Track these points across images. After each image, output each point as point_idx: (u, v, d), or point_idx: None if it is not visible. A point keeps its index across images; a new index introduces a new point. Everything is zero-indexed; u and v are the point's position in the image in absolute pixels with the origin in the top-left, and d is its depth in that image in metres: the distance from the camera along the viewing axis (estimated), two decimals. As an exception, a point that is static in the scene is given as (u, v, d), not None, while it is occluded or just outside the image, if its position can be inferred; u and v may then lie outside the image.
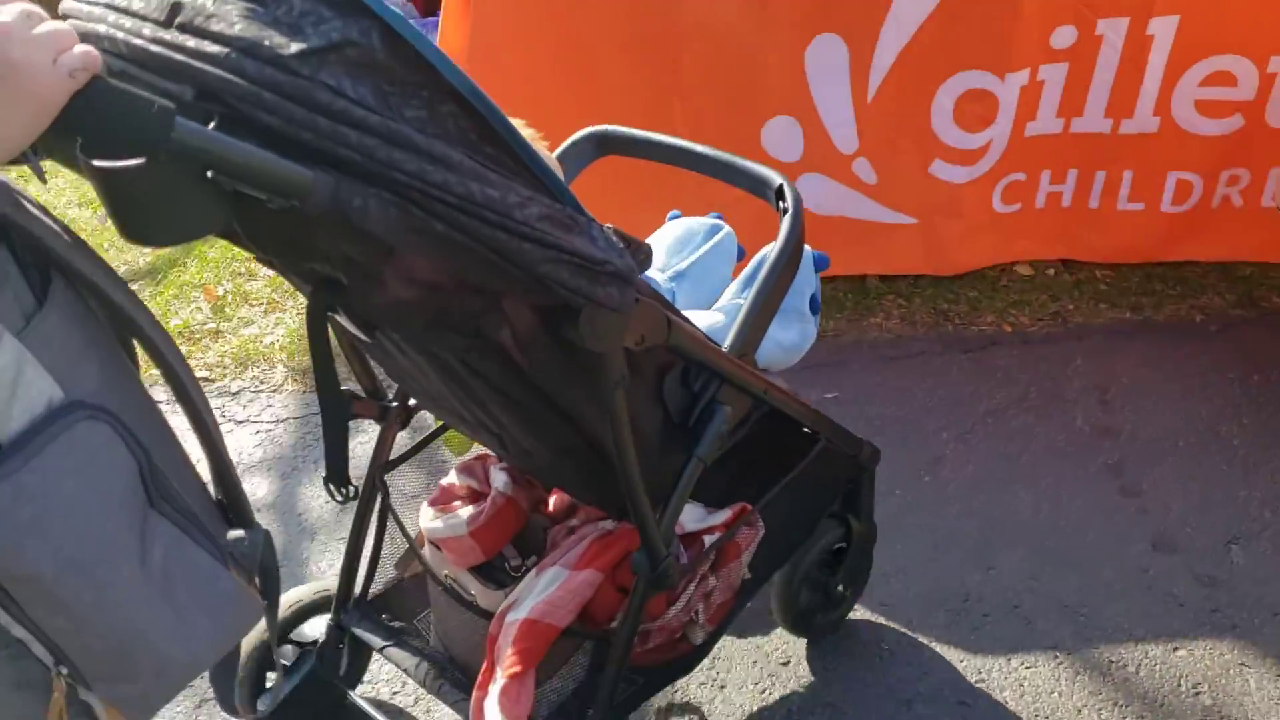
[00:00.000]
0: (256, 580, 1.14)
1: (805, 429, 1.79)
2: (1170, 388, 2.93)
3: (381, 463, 1.84)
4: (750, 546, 1.73)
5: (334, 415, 1.43)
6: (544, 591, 1.61)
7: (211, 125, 0.95)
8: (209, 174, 0.95)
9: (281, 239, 1.16)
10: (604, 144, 1.82)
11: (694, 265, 1.87)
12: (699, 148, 1.70)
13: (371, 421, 1.75)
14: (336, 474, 1.50)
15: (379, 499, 1.86)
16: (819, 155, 3.09)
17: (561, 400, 1.39)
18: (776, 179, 1.61)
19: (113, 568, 0.98)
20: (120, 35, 1.02)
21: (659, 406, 1.47)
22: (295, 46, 0.95)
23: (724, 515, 1.71)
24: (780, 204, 1.60)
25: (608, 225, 1.19)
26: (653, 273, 1.85)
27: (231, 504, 1.17)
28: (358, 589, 1.89)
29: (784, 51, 2.93)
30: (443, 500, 1.84)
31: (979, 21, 2.95)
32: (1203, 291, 3.40)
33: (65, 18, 1.07)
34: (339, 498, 1.55)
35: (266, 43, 0.95)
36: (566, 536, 1.75)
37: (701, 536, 1.69)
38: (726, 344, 1.53)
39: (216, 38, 0.97)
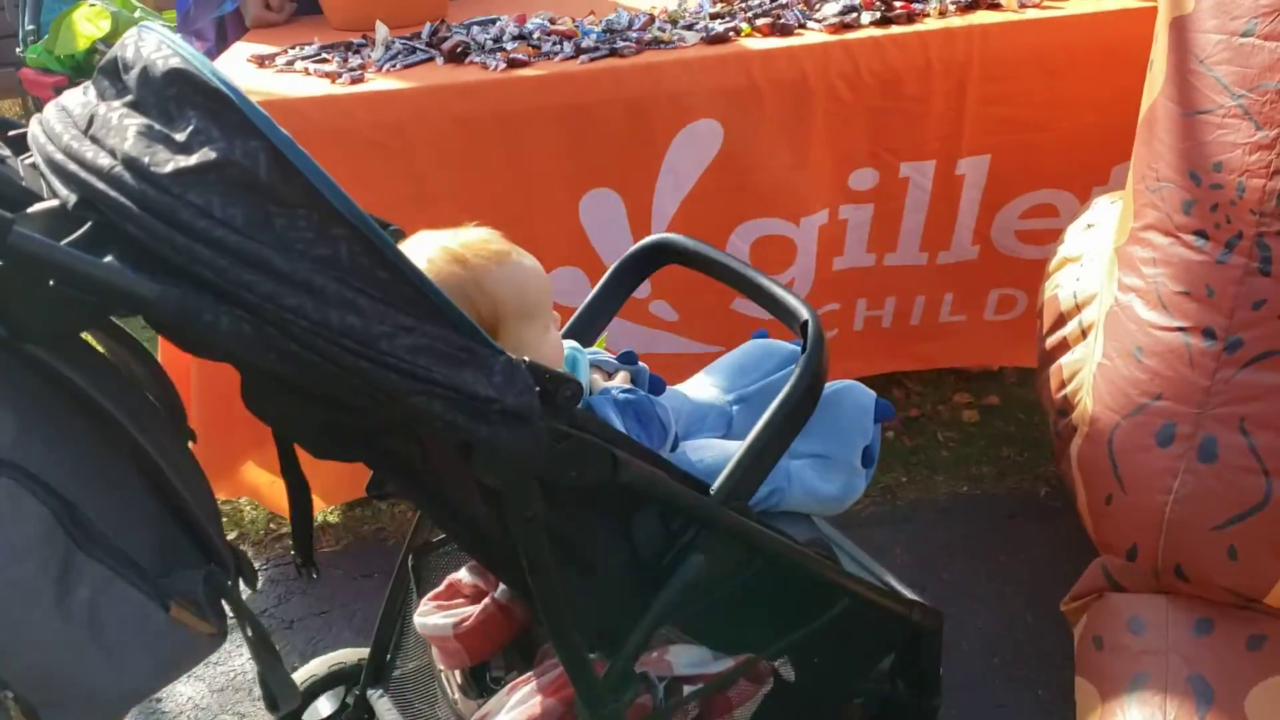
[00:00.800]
0: (210, 615, 1.26)
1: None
2: (994, 586, 2.64)
3: (414, 545, 1.91)
4: (748, 703, 1.64)
5: (297, 497, 1.53)
6: (509, 712, 1.58)
7: (80, 232, 1.05)
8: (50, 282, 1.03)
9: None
10: (666, 253, 1.87)
11: (761, 390, 1.79)
12: (742, 268, 1.72)
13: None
14: (301, 553, 1.58)
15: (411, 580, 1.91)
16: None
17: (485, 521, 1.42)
18: (803, 314, 1.53)
19: (25, 609, 1.10)
20: (43, 139, 1.13)
21: (625, 542, 1.44)
22: (171, 165, 1.03)
23: (725, 664, 1.61)
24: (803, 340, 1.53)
25: (527, 359, 1.17)
26: (715, 394, 1.82)
27: (197, 540, 1.29)
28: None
29: (558, 208, 2.76)
30: (445, 596, 1.81)
31: (761, 172, 2.74)
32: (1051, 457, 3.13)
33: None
34: (303, 576, 1.62)
35: (147, 159, 1.03)
36: (553, 654, 1.69)
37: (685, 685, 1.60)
38: (715, 486, 1.46)
39: (110, 150, 1.06)
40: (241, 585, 1.47)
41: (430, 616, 1.77)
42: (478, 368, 1.13)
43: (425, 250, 1.47)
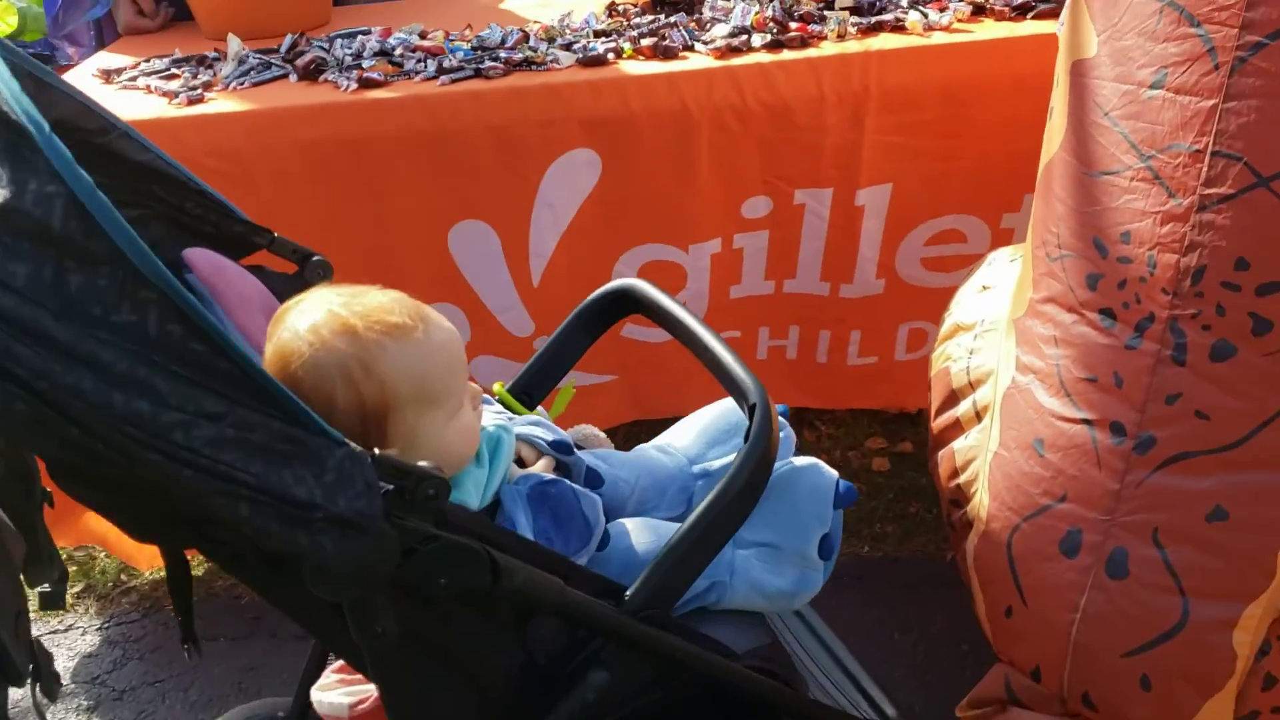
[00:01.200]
0: None
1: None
2: (883, 669, 2.31)
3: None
4: None
5: (173, 568, 1.41)
6: None
7: None
8: None
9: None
10: (628, 303, 1.73)
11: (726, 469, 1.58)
12: (701, 330, 1.56)
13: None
14: (183, 630, 1.48)
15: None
16: (491, 339, 2.68)
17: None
18: (752, 394, 1.38)
19: None
20: None
21: (520, 649, 1.29)
22: None
23: None
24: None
25: (376, 452, 1.03)
26: (681, 461, 1.66)
27: None
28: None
29: (424, 241, 2.52)
30: (347, 670, 1.63)
31: (644, 201, 2.52)
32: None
33: None
34: (189, 658, 1.51)
35: None
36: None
37: None
38: (630, 591, 1.30)
39: None
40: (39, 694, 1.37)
41: (328, 693, 1.59)
42: (305, 464, 0.99)
43: (311, 315, 1.26)
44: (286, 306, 1.29)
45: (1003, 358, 1.89)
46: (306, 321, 1.25)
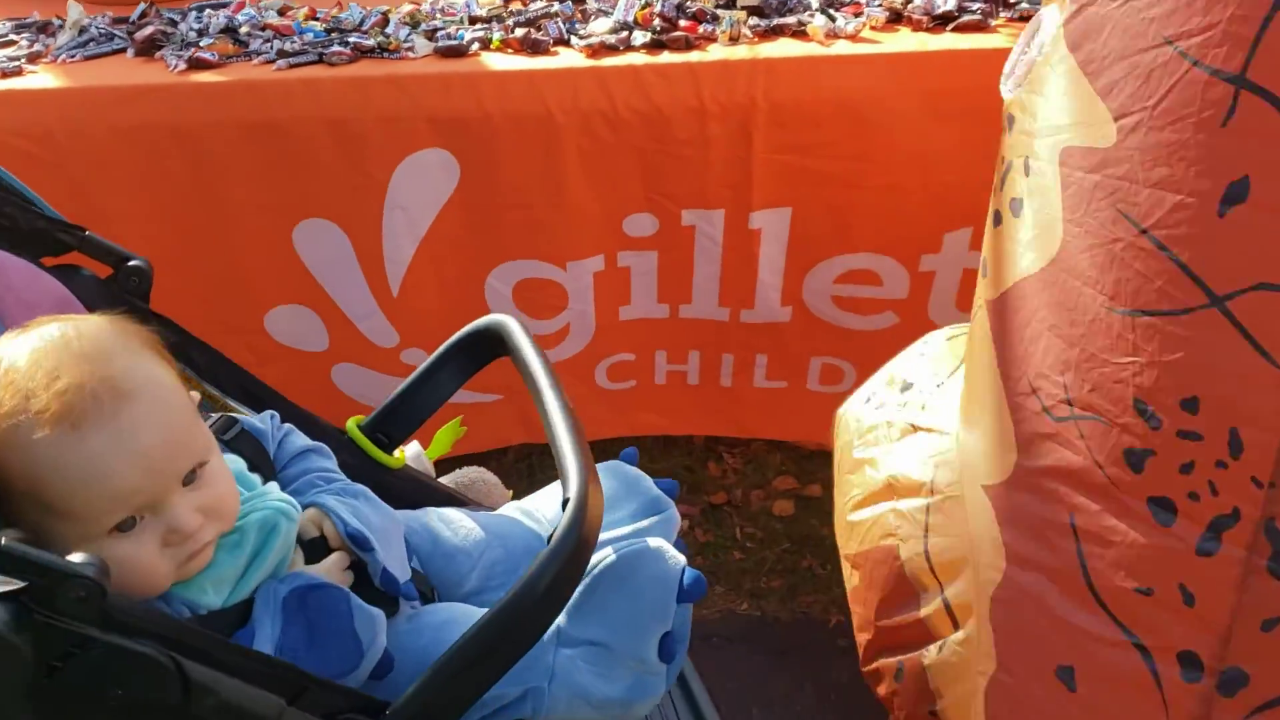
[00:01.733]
0: None
1: None
2: None
3: None
4: None
5: None
6: None
7: None
8: None
9: None
10: (501, 344, 1.42)
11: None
12: (549, 398, 1.26)
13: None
14: None
15: None
16: (352, 347, 2.44)
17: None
18: (571, 486, 1.13)
19: None
20: None
21: None
22: None
23: None
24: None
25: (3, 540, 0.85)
26: (541, 527, 1.43)
27: None
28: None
29: (266, 239, 2.27)
30: None
31: (512, 212, 2.25)
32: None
33: None
34: None
35: None
36: None
37: None
38: (389, 711, 1.08)
39: None
40: None
41: None
42: None
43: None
44: (14, 332, 1.09)
45: (978, 540, 1.42)
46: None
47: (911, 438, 1.65)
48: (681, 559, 1.30)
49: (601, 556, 1.25)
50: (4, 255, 1.32)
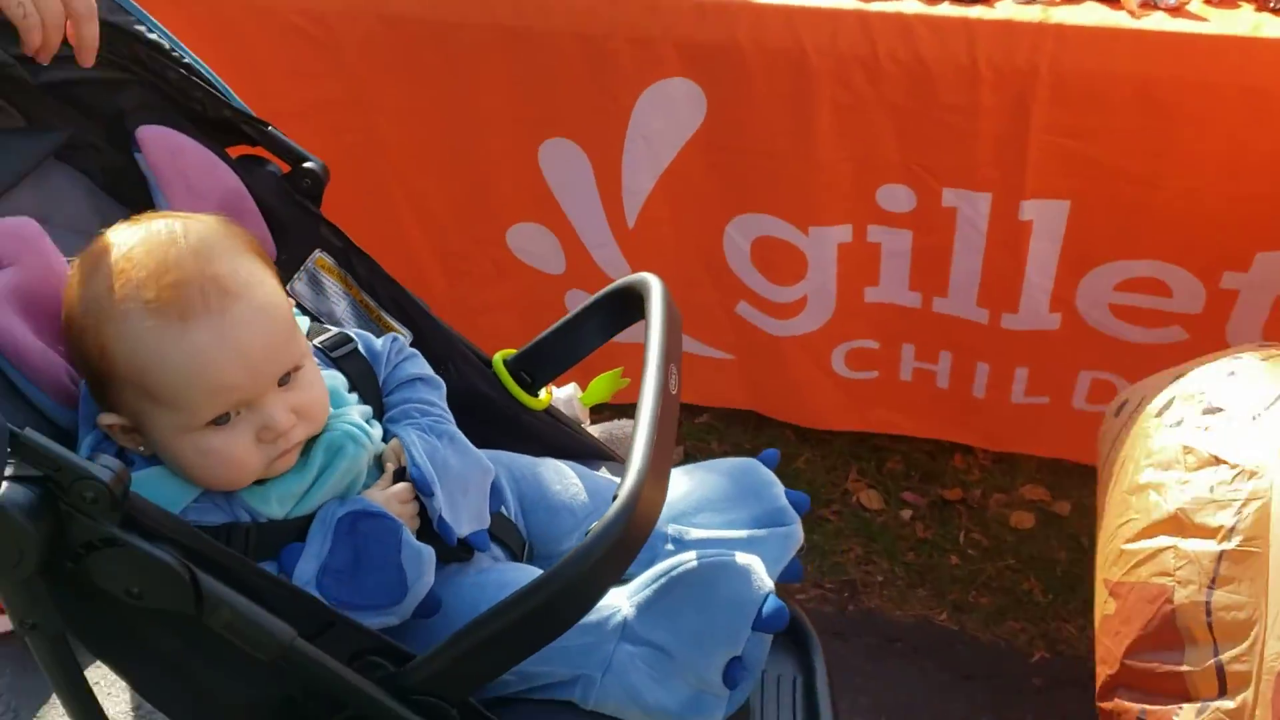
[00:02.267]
0: None
1: None
2: None
3: None
4: None
5: None
6: None
7: None
8: None
9: None
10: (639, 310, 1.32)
11: (707, 542, 1.28)
12: (649, 385, 1.10)
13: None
14: None
15: None
16: (585, 273, 2.37)
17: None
18: (630, 477, 1.01)
19: None
20: None
21: (275, 684, 1.09)
22: None
23: None
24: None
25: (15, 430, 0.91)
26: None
27: None
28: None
29: (513, 150, 2.22)
30: None
31: (757, 158, 2.08)
32: (1073, 602, 2.19)
33: None
34: None
35: None
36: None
37: None
38: (410, 664, 1.08)
39: None
40: None
41: None
42: None
43: (105, 239, 1.11)
44: (125, 223, 1.13)
45: (1272, 615, 1.23)
46: (92, 244, 1.11)
47: (1212, 470, 1.39)
48: (768, 584, 1.18)
49: (686, 559, 1.16)
50: (185, 140, 1.34)
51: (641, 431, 1.05)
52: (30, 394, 1.10)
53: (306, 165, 1.41)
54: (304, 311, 1.41)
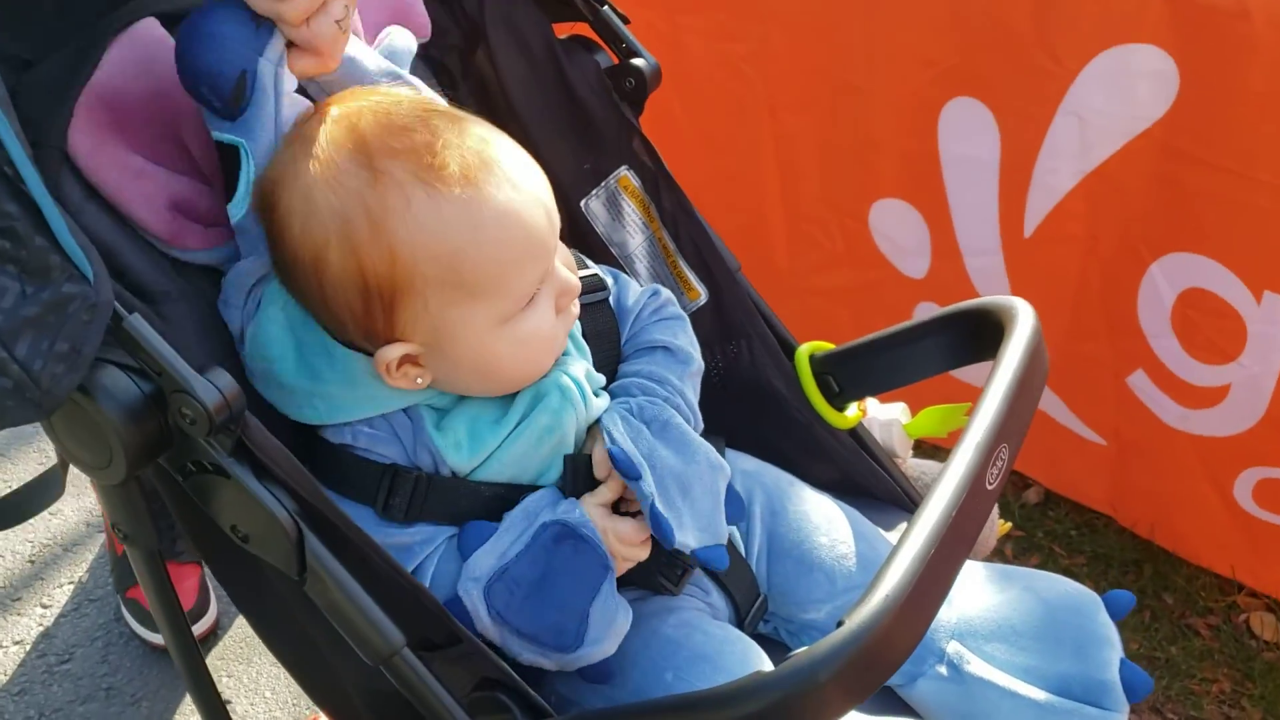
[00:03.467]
0: None
1: None
2: None
3: None
4: None
5: None
6: None
7: None
8: None
9: None
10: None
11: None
12: (963, 457, 0.81)
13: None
14: None
15: None
16: (948, 284, 1.86)
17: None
18: (870, 602, 0.73)
19: None
20: None
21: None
22: None
23: None
24: None
25: (126, 313, 0.78)
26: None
27: None
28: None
29: (914, 105, 1.75)
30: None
31: (1226, 182, 1.50)
32: None
33: None
34: None
35: None
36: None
37: None
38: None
39: None
40: None
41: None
42: (13, 276, 0.71)
43: (331, 124, 0.87)
44: (329, 101, 0.91)
45: None
46: (322, 133, 0.86)
47: None
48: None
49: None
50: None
51: (918, 534, 0.75)
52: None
53: (634, 62, 1.17)
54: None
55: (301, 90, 0.93)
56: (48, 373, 0.72)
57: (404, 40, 1.02)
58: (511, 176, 0.87)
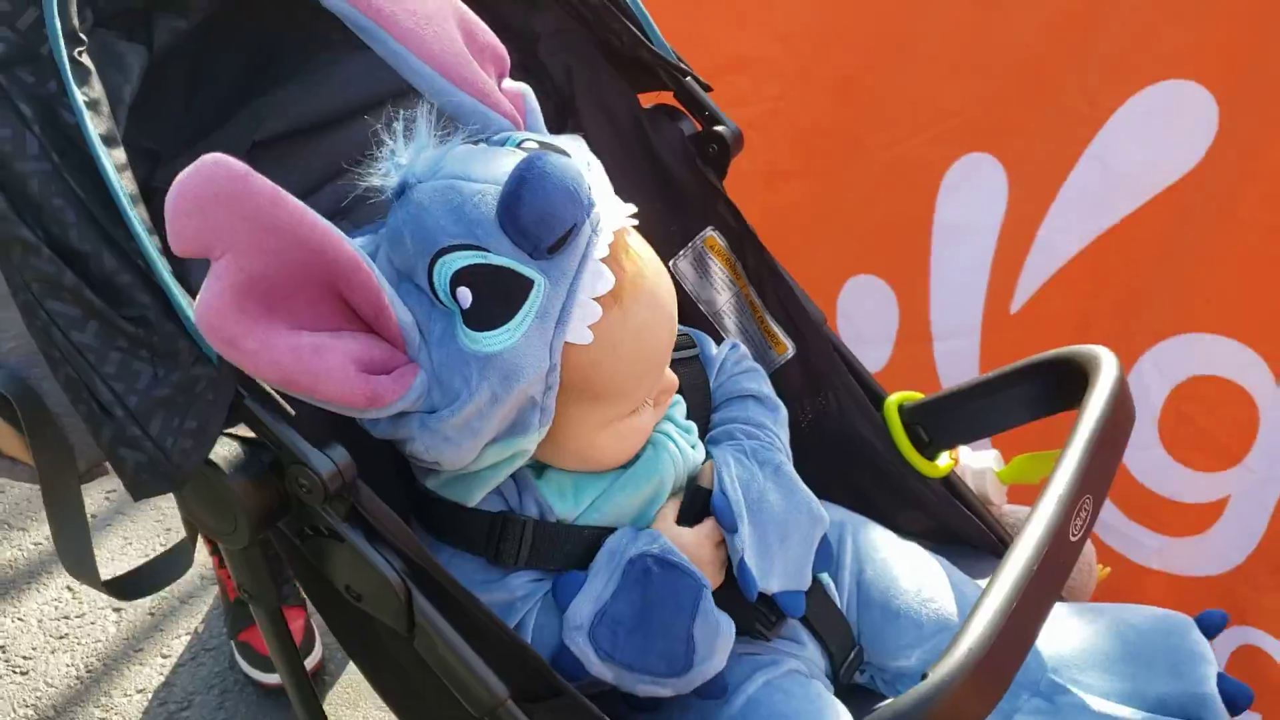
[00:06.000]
0: None
1: None
2: None
3: None
4: None
5: None
6: None
7: None
8: None
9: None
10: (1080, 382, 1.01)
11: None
12: (1047, 507, 0.81)
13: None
14: None
15: None
16: (903, 373, 1.70)
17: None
18: (954, 654, 0.73)
19: None
20: None
21: None
22: None
23: None
24: None
25: (244, 393, 0.80)
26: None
27: None
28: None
29: (922, 165, 1.64)
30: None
31: (1237, 246, 1.40)
32: None
33: None
34: None
35: None
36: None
37: None
38: None
39: None
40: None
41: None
42: (147, 362, 0.77)
43: None
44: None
45: None
46: None
47: None
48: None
49: None
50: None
51: (1000, 588, 0.73)
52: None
53: (717, 129, 1.17)
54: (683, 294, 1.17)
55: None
56: (178, 448, 0.76)
57: (534, 100, 0.98)
58: (653, 294, 0.88)
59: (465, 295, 0.80)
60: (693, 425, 1.00)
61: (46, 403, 0.91)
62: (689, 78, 1.16)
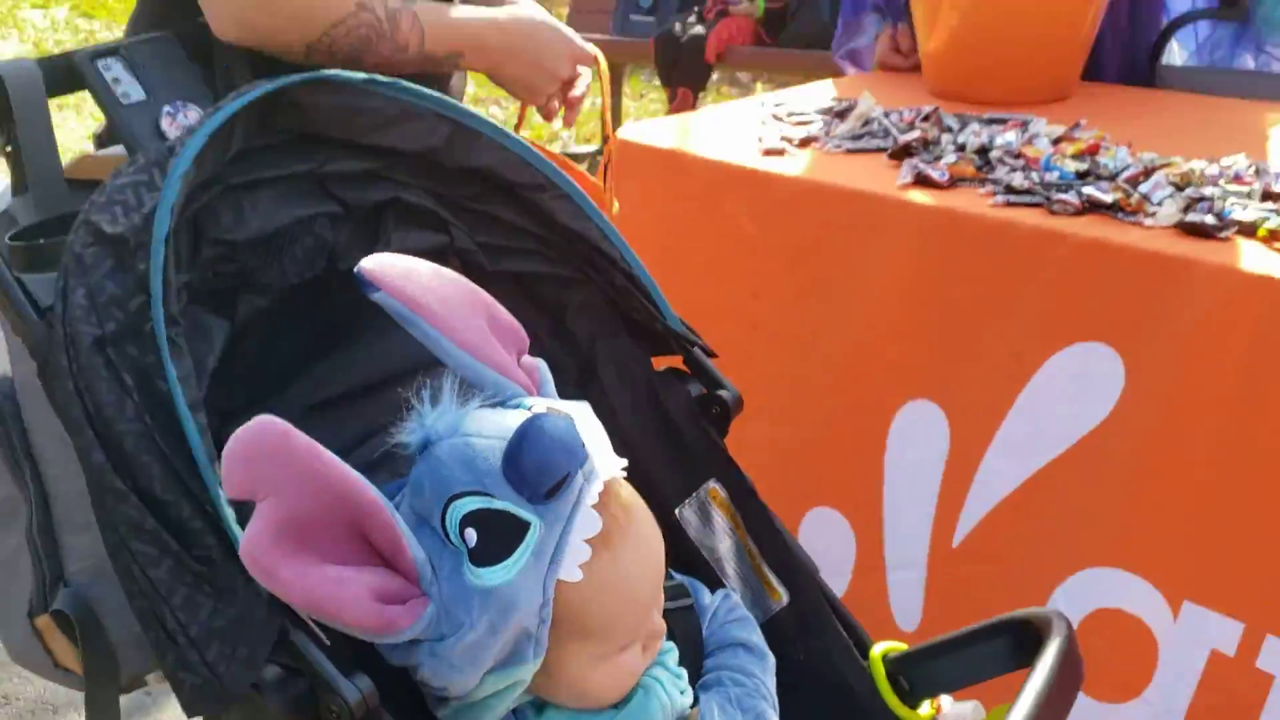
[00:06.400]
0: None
1: None
2: None
3: None
4: None
5: None
6: None
7: None
8: None
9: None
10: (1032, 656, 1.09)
11: None
12: None
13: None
14: None
15: None
16: (859, 602, 1.59)
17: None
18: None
19: None
20: None
21: None
22: None
23: None
24: None
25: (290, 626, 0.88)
26: None
27: None
28: None
29: (872, 407, 1.74)
30: None
31: (1138, 490, 1.49)
32: None
33: None
34: None
35: None
36: None
37: None
38: None
39: None
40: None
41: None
42: (208, 595, 0.88)
43: None
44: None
45: None
46: None
47: None
48: None
49: None
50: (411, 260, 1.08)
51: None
52: None
53: (720, 393, 1.26)
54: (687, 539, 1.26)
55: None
56: (230, 674, 0.85)
57: (548, 371, 1.07)
58: (639, 539, 0.95)
59: (471, 535, 0.88)
60: (683, 671, 1.05)
61: (104, 623, 1.03)
62: (696, 347, 1.27)
